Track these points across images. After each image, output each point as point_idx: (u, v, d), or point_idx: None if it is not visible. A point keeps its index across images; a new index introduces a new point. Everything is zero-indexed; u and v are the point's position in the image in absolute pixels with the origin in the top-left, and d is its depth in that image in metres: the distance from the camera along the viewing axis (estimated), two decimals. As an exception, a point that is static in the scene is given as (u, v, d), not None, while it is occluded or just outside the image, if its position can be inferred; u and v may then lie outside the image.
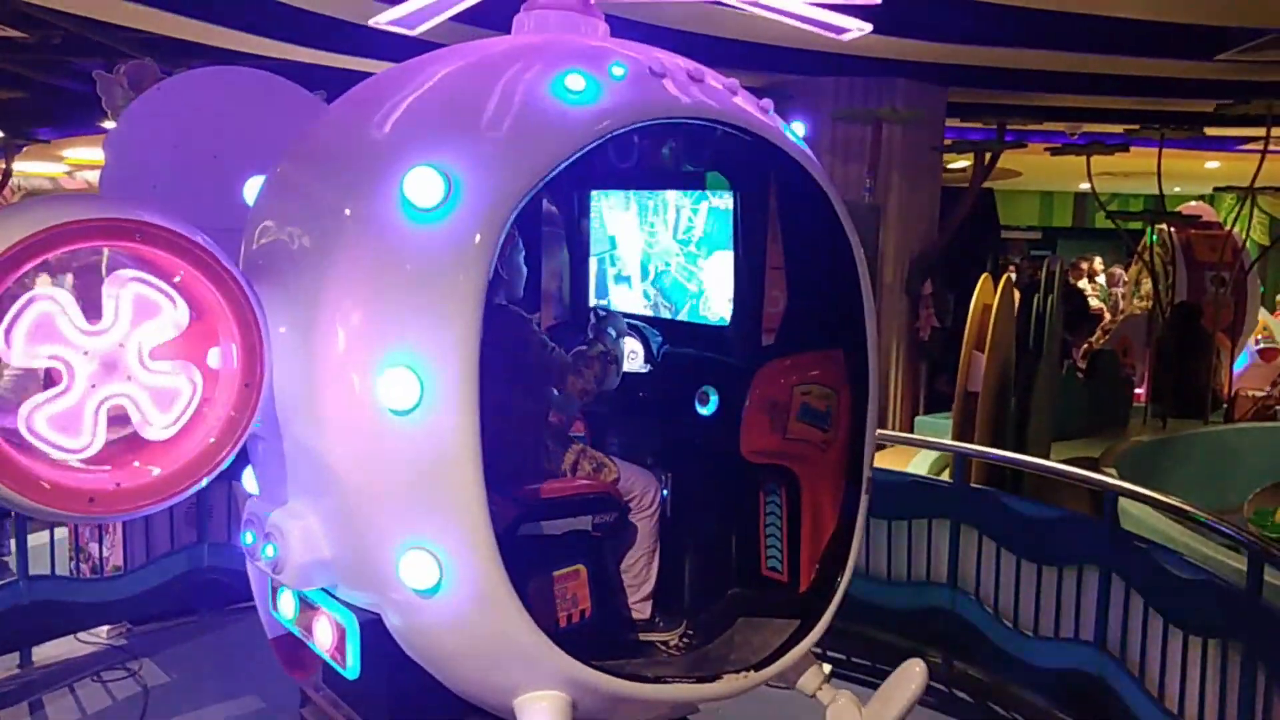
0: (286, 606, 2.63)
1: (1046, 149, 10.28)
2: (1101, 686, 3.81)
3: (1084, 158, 9.21)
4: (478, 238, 2.11)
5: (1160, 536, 4.52)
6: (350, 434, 2.18)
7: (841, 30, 2.99)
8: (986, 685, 4.33)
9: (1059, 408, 7.00)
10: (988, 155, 9.92)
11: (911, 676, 2.87)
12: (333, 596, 2.45)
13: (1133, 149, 9.83)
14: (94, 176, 20.58)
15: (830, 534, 2.88)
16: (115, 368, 2.07)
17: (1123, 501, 4.25)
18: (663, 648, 2.92)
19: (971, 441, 6.01)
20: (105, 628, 4.64)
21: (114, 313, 2.07)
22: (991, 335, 6.22)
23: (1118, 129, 10.98)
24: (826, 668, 2.97)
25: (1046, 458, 5.93)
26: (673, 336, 3.30)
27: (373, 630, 2.35)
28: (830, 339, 2.87)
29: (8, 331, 1.95)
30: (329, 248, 2.22)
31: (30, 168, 17.68)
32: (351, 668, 2.37)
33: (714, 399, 3.04)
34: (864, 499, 2.84)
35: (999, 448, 5.66)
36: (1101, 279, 14.23)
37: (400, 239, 2.13)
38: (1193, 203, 12.13)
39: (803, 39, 7.91)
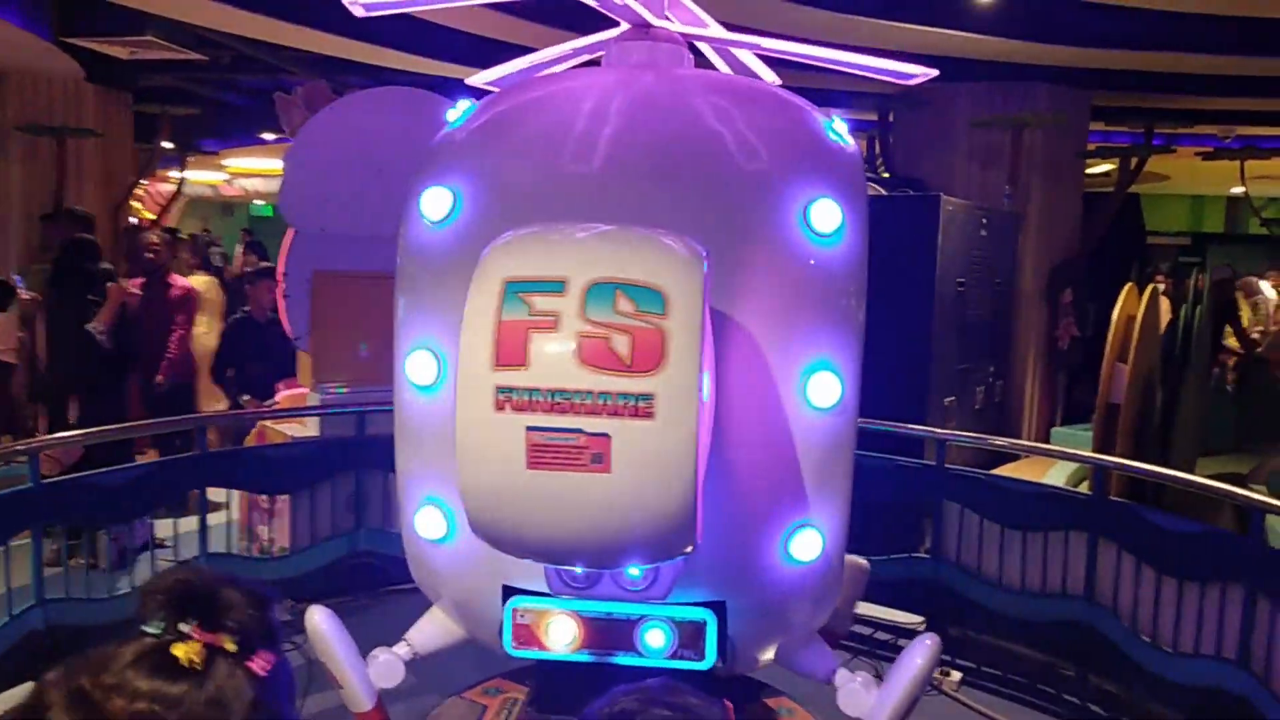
0: (563, 635, 2.48)
1: (1197, 153, 9.91)
2: (1245, 706, 3.73)
3: (1238, 162, 8.85)
4: (861, 259, 2.46)
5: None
6: (764, 434, 2.36)
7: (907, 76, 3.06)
8: (1122, 701, 4.27)
9: (1206, 422, 6.76)
10: (1134, 160, 9.62)
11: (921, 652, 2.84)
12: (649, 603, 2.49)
13: (1292, 152, 9.38)
14: (250, 184, 21.81)
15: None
16: None
17: (1272, 521, 4.13)
18: None
19: (1113, 455, 5.88)
20: (272, 604, 5.03)
21: None
22: (1136, 347, 6.07)
23: (1275, 131, 10.47)
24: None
25: (1191, 474, 5.76)
26: None
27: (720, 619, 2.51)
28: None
29: None
30: (726, 267, 2.32)
31: (192, 175, 18.85)
32: (709, 658, 2.48)
33: None
34: None
35: (1141, 462, 5.53)
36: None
37: (810, 262, 2.41)
38: (1360, 208, 11.45)
39: (937, 45, 7.87)
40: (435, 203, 2.41)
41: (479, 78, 3.25)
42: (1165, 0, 6.79)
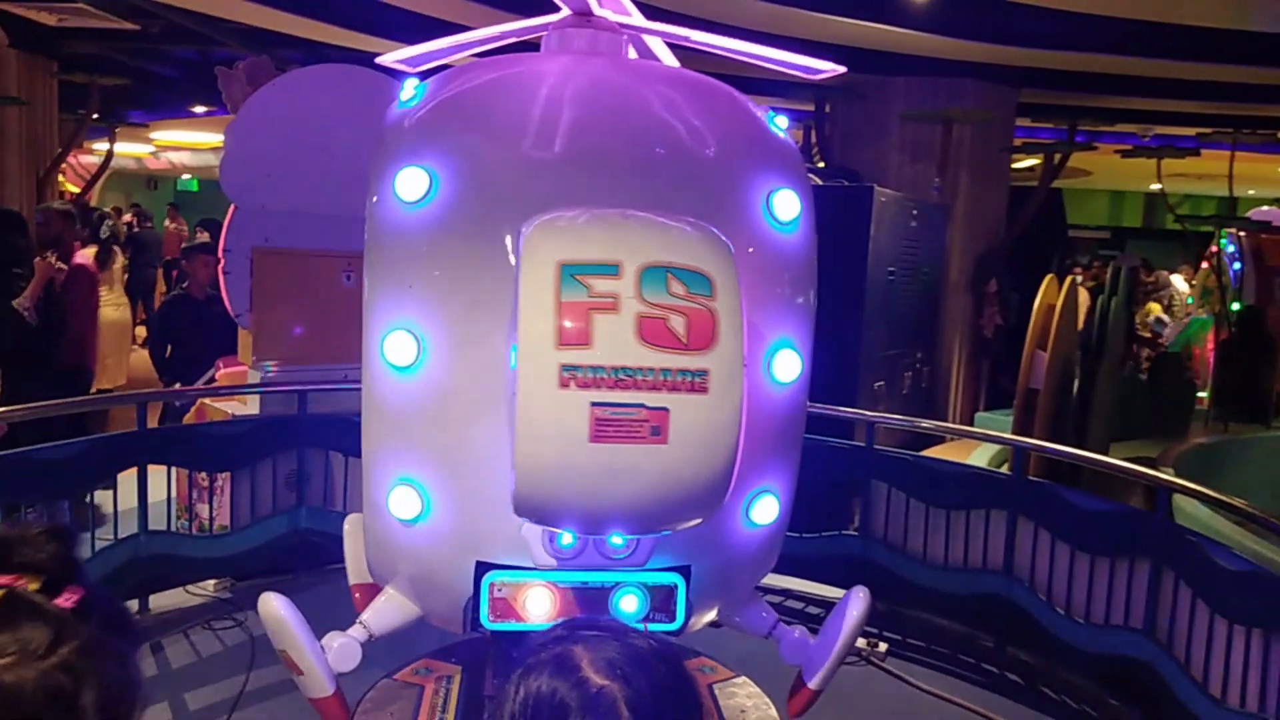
0: (539, 606, 2.50)
1: (1117, 151, 10.30)
2: (1148, 672, 3.98)
3: (1155, 160, 9.23)
4: (813, 246, 2.63)
5: (1215, 535, 4.65)
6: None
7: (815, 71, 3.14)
8: (1037, 669, 4.51)
9: (1120, 408, 7.09)
10: (1057, 156, 9.96)
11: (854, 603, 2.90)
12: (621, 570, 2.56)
13: (1205, 152, 9.80)
14: (177, 158, 21.27)
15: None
16: None
17: (1179, 501, 4.39)
18: None
19: (1032, 438, 6.15)
20: (212, 581, 5.03)
21: None
22: (1054, 335, 6.35)
23: (1191, 132, 10.93)
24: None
25: (1105, 456, 6.05)
26: None
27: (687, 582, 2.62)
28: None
29: None
30: None
31: (119, 148, 18.35)
32: (679, 620, 2.57)
33: None
34: None
35: (1058, 444, 5.79)
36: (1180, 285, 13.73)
37: (773, 248, 2.53)
38: (1265, 207, 12.02)
39: (873, 39, 8.07)
40: (411, 183, 2.37)
41: (390, 57, 3.15)
42: (1090, 4, 7.06)
